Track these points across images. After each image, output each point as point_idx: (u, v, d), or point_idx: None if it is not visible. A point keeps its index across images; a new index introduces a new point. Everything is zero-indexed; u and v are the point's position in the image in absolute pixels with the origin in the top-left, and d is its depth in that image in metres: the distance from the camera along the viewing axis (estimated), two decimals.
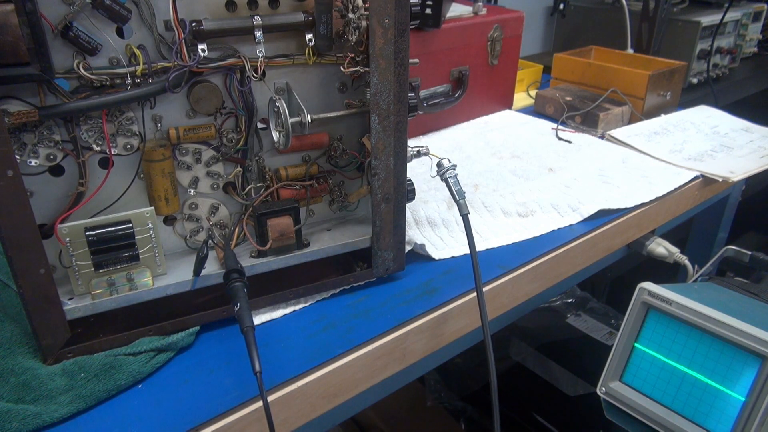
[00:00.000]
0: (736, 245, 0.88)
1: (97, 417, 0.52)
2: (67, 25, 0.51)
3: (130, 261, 0.58)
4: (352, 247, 0.69)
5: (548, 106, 1.26)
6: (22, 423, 0.49)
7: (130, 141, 0.58)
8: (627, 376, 0.65)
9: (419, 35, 1.02)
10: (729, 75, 1.67)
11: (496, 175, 0.97)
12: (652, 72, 1.21)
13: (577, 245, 0.81)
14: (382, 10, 0.56)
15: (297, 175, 0.68)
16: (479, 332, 0.69)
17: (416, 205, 0.86)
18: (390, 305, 0.66)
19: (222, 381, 0.56)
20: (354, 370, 0.61)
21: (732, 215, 1.32)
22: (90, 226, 0.56)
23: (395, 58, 0.58)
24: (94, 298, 0.57)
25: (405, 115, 0.62)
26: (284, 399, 0.56)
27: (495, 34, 1.15)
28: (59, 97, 0.53)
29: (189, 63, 0.56)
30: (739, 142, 1.12)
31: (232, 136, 0.63)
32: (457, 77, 1.13)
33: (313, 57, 0.62)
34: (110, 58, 0.54)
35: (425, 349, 0.67)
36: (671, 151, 1.07)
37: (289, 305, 0.66)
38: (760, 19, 1.74)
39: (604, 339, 1.29)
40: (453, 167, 0.69)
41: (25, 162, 0.54)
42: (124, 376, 0.54)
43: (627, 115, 1.21)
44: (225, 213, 0.66)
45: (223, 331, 0.62)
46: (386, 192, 0.64)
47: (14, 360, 0.56)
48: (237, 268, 0.58)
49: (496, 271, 0.73)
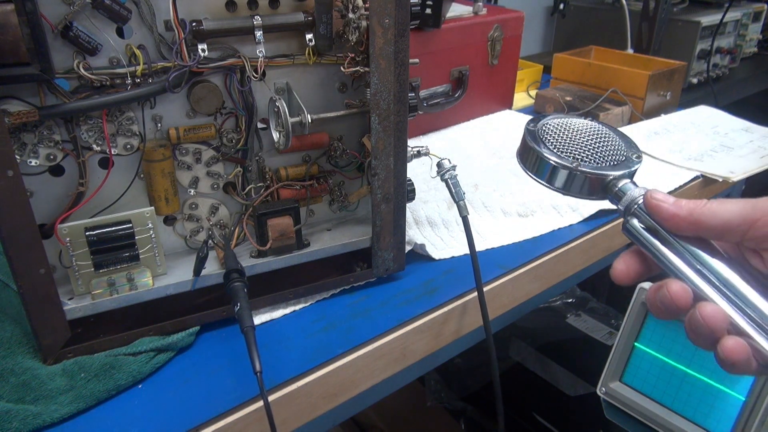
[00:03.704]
0: None
1: (97, 417, 0.52)
2: (67, 25, 0.51)
3: (130, 261, 0.58)
4: (352, 247, 0.69)
5: (548, 106, 1.26)
6: (22, 423, 0.49)
7: (130, 141, 0.58)
8: (627, 376, 0.65)
9: (419, 35, 1.02)
10: (729, 75, 1.67)
11: (496, 175, 0.97)
12: (652, 72, 1.21)
13: (577, 245, 0.81)
14: (382, 10, 0.56)
15: (297, 175, 0.68)
16: (479, 332, 0.69)
17: (416, 205, 0.86)
18: (390, 305, 0.66)
19: (222, 381, 0.56)
20: (354, 370, 0.61)
21: None
22: (90, 226, 0.56)
23: (395, 58, 0.58)
24: (94, 298, 0.57)
25: (405, 115, 0.62)
26: (284, 399, 0.56)
27: (495, 34, 1.15)
28: (59, 97, 0.53)
29: (189, 63, 0.56)
30: (739, 142, 1.12)
31: (232, 136, 0.63)
32: (457, 77, 1.13)
33: (313, 57, 0.62)
34: (110, 58, 0.54)
35: (425, 349, 0.67)
36: (671, 151, 1.07)
37: (289, 305, 0.66)
38: (760, 19, 1.74)
39: (604, 339, 1.29)
40: (453, 168, 0.69)
41: (25, 162, 0.54)
42: (124, 376, 0.54)
43: (627, 115, 1.21)
44: (225, 213, 0.66)
45: (223, 331, 0.62)
46: (386, 192, 0.64)
47: (14, 360, 0.56)
48: (237, 268, 0.58)
49: (496, 271, 0.73)
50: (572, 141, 0.44)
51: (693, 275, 0.38)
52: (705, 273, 0.38)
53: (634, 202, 0.42)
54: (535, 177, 0.45)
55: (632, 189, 0.42)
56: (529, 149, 0.44)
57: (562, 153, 0.44)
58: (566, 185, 0.43)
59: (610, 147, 0.44)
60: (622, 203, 0.42)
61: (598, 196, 0.44)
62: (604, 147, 0.44)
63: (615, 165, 0.43)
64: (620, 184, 0.43)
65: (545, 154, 0.43)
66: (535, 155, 0.44)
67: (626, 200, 0.42)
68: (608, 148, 0.44)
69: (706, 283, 0.38)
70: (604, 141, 0.44)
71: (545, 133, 0.45)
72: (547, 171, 0.44)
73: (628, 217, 0.42)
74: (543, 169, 0.44)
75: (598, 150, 0.43)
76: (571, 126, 0.45)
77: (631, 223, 0.42)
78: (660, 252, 0.40)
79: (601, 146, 0.44)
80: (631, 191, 0.42)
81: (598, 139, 0.44)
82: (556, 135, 0.44)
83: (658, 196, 0.40)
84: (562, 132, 0.44)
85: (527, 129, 0.45)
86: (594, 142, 0.44)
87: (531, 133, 0.45)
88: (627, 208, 0.42)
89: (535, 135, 0.45)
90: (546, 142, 0.44)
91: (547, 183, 0.44)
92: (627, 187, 0.42)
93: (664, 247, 0.40)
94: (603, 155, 0.43)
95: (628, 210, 0.42)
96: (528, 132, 0.45)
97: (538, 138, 0.45)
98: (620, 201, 0.42)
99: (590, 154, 0.43)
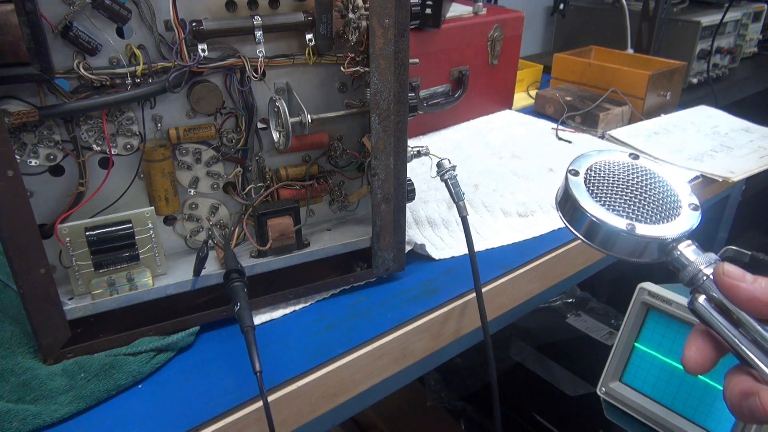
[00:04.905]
0: (736, 245, 0.88)
1: (97, 417, 0.52)
2: (67, 25, 0.51)
3: (130, 261, 0.58)
4: (352, 247, 0.69)
5: (548, 106, 1.26)
6: (22, 423, 0.49)
7: (130, 141, 0.58)
8: (627, 376, 0.65)
9: (419, 35, 1.02)
10: (729, 75, 1.67)
11: (496, 175, 0.97)
12: (652, 72, 1.21)
13: (577, 245, 0.81)
14: (382, 10, 0.56)
15: (297, 175, 0.68)
16: (479, 332, 0.69)
17: (416, 205, 0.86)
18: (390, 305, 0.66)
19: (222, 381, 0.56)
20: (354, 370, 0.61)
21: (732, 215, 1.32)
22: (90, 226, 0.56)
23: (395, 58, 0.58)
24: (94, 298, 0.57)
25: (405, 115, 0.62)
26: (284, 399, 0.56)
27: (495, 34, 1.15)
28: (59, 97, 0.53)
29: (189, 63, 0.56)
30: (739, 142, 1.12)
31: (232, 136, 0.63)
32: (457, 77, 1.13)
33: (313, 57, 0.62)
34: (110, 58, 0.54)
35: (425, 349, 0.67)
36: (671, 151, 1.07)
37: (289, 305, 0.66)
38: (760, 19, 1.74)
39: (604, 339, 1.29)
40: (453, 168, 0.69)
41: (25, 162, 0.54)
42: (124, 376, 0.54)
43: (627, 115, 1.21)
44: (225, 213, 0.66)
45: (223, 331, 0.62)
46: (386, 192, 0.64)
47: (14, 360, 0.56)
48: (237, 268, 0.58)
49: (496, 271, 0.73)
50: (624, 191, 0.36)
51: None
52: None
53: (701, 274, 0.35)
54: (573, 230, 0.38)
55: (697, 257, 0.35)
56: (571, 201, 0.37)
57: (613, 209, 0.36)
58: (613, 248, 0.36)
59: (665, 197, 0.37)
60: (686, 275, 0.35)
61: (651, 259, 0.37)
62: (659, 198, 0.36)
63: (672, 221, 0.36)
64: (681, 249, 0.35)
65: (590, 210, 0.36)
66: (576, 208, 0.37)
67: (691, 272, 0.35)
68: (663, 198, 0.37)
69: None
70: (658, 189, 0.37)
71: (590, 181, 0.37)
72: (590, 228, 0.37)
73: (696, 294, 0.35)
74: (581, 224, 0.37)
75: (654, 203, 0.36)
76: (619, 170, 0.37)
77: (699, 302, 0.35)
78: (739, 345, 0.33)
79: (657, 197, 0.36)
80: (696, 261, 0.35)
81: (653, 187, 0.37)
82: (605, 183, 0.37)
83: (733, 273, 0.33)
84: (611, 179, 0.37)
85: (569, 175, 0.38)
86: (649, 192, 0.36)
87: (574, 182, 0.38)
88: (691, 280, 0.35)
89: (579, 184, 0.38)
90: (592, 193, 0.37)
91: (589, 241, 0.37)
92: (689, 252, 0.35)
93: (744, 338, 0.33)
94: (659, 209, 0.36)
95: (693, 283, 0.35)
96: (571, 180, 0.38)
97: (582, 186, 0.37)
98: (683, 271, 0.36)
99: (646, 210, 0.36)
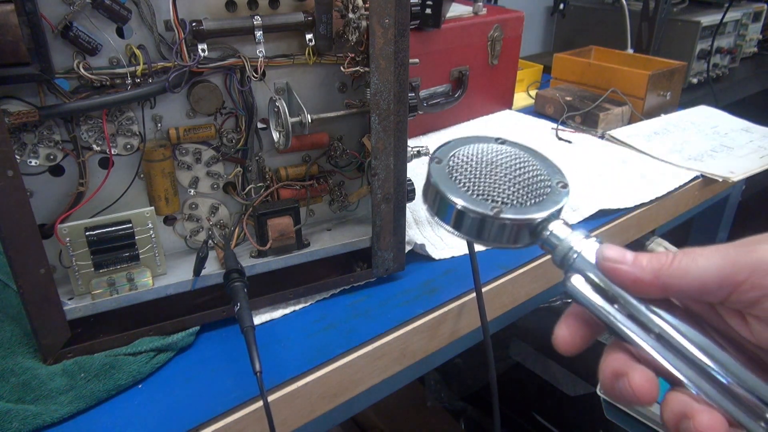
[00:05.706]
0: None
1: (97, 417, 0.52)
2: (67, 25, 0.51)
3: (130, 261, 0.58)
4: (352, 247, 0.69)
5: (548, 106, 1.26)
6: (22, 423, 0.49)
7: (130, 141, 0.58)
8: None
9: (419, 35, 1.02)
10: (729, 75, 1.67)
11: None
12: (652, 72, 1.21)
13: None
14: (382, 10, 0.56)
15: (297, 175, 0.68)
16: (479, 332, 0.69)
17: (416, 205, 0.86)
18: (390, 305, 0.66)
19: (222, 381, 0.56)
20: (354, 370, 0.61)
21: (732, 215, 1.32)
22: (90, 226, 0.56)
23: (395, 58, 0.58)
24: (94, 298, 0.57)
25: (405, 115, 0.62)
26: (284, 399, 0.56)
27: (495, 34, 1.15)
28: (59, 97, 0.53)
29: (189, 63, 0.56)
30: (739, 142, 1.12)
31: (232, 136, 0.63)
32: (457, 77, 1.13)
33: (313, 57, 0.62)
34: (110, 58, 0.54)
35: (425, 349, 0.67)
36: (671, 151, 1.07)
37: (289, 305, 0.66)
38: (760, 19, 1.74)
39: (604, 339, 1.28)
40: None
41: (25, 162, 0.54)
42: (124, 376, 0.54)
43: (627, 115, 1.21)
44: (225, 213, 0.66)
45: (223, 331, 0.62)
46: (386, 192, 0.64)
47: (14, 360, 0.56)
48: (237, 268, 0.58)
49: (496, 271, 0.73)
50: (488, 176, 0.34)
51: (662, 356, 0.31)
52: (679, 349, 0.30)
53: (571, 252, 0.33)
54: (440, 222, 0.36)
55: (567, 234, 0.33)
56: (434, 190, 0.35)
57: (478, 195, 0.34)
58: (483, 235, 0.34)
59: (532, 177, 0.35)
60: (556, 255, 0.34)
61: (523, 244, 0.35)
62: (526, 179, 0.35)
63: (540, 201, 0.34)
64: (551, 228, 0.34)
65: (453, 198, 0.34)
66: (439, 197, 0.35)
67: (561, 252, 0.33)
68: (530, 179, 0.35)
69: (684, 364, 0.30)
70: (525, 170, 0.35)
71: (454, 168, 0.36)
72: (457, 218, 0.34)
73: (569, 274, 0.33)
74: (448, 214, 0.35)
75: (521, 184, 0.34)
76: (484, 155, 0.36)
77: (572, 282, 0.33)
78: (615, 323, 0.32)
79: (523, 179, 0.34)
80: (565, 239, 0.33)
81: (518, 168, 0.35)
82: (468, 170, 0.35)
83: (613, 255, 0.32)
84: (474, 165, 0.35)
85: (432, 163, 0.36)
86: (515, 174, 0.34)
87: (437, 169, 0.36)
88: (562, 261, 0.34)
89: (442, 172, 0.36)
90: (456, 180, 0.35)
91: (457, 231, 0.35)
92: (559, 231, 0.34)
93: (621, 314, 0.32)
94: (526, 191, 0.34)
95: (565, 263, 0.33)
96: (434, 168, 0.36)
97: (445, 175, 0.35)
98: (554, 251, 0.34)
99: (512, 193, 0.34)
